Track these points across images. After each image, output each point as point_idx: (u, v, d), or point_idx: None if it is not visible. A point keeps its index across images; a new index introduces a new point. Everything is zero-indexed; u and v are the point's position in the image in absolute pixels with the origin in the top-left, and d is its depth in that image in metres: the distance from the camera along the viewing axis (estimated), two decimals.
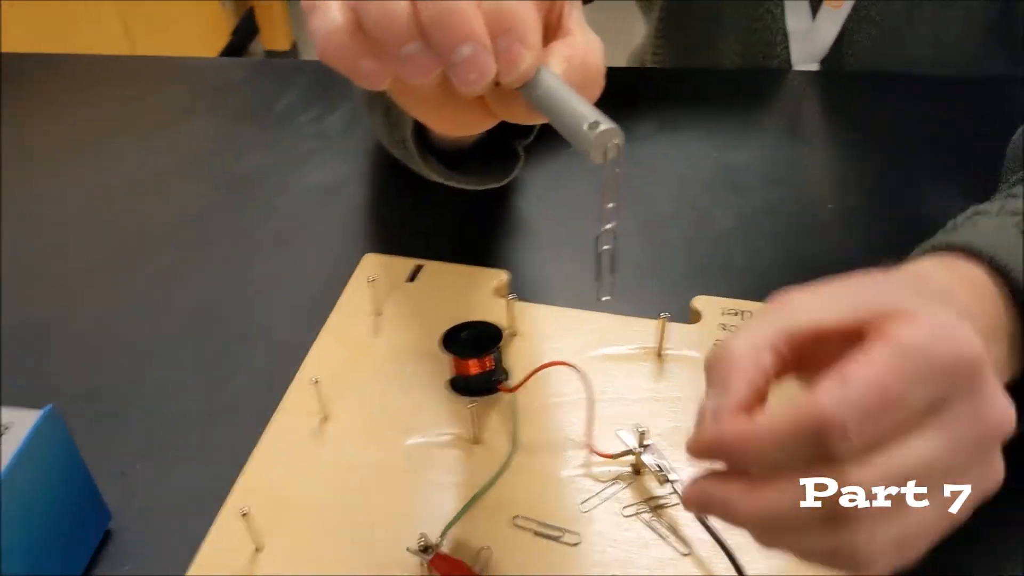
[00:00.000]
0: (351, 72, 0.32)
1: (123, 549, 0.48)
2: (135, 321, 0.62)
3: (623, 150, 0.31)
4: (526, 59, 0.32)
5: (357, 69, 0.32)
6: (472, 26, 0.30)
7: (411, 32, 0.30)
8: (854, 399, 0.30)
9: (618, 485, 0.46)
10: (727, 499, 0.32)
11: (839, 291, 0.34)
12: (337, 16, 0.31)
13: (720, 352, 0.34)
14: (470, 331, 0.51)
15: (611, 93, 0.82)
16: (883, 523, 0.31)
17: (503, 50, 0.31)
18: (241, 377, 0.57)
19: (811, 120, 0.77)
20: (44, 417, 0.42)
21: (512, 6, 0.31)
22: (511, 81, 0.32)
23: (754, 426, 0.31)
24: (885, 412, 0.30)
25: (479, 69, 0.31)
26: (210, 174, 0.75)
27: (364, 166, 0.73)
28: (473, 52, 0.31)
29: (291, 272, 0.64)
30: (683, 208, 0.67)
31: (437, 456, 0.48)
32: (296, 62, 0.87)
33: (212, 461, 0.51)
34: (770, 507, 0.31)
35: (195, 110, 0.84)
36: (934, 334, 0.31)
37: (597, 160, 0.31)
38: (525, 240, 0.64)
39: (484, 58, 0.31)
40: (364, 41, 0.31)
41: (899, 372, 0.30)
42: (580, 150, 0.31)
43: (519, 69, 0.32)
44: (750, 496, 0.32)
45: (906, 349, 0.31)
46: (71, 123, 0.83)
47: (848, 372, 0.31)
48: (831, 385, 0.30)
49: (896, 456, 0.31)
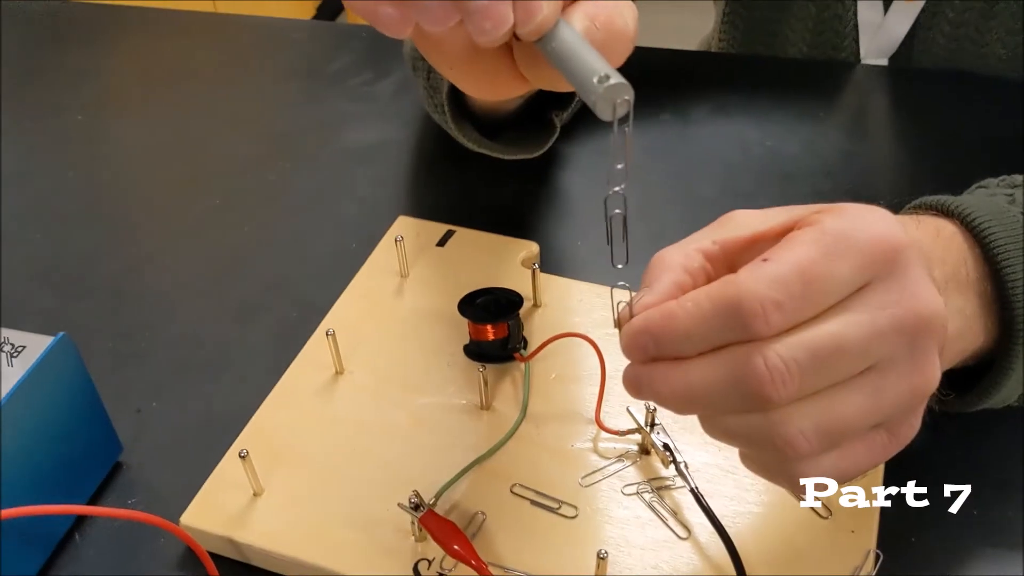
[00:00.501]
0: (373, 18, 0.32)
1: (131, 482, 0.49)
2: (170, 264, 0.63)
3: (631, 108, 0.30)
4: (543, 10, 0.31)
5: (379, 14, 0.31)
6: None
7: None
8: (772, 275, 0.30)
9: (623, 463, 0.45)
10: (652, 376, 0.33)
11: (782, 210, 0.35)
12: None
13: (655, 257, 0.35)
14: (490, 297, 0.50)
15: (668, 74, 0.81)
16: (803, 405, 0.31)
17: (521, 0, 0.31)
18: (264, 326, 0.57)
19: (872, 115, 0.74)
20: (56, 342, 0.42)
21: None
22: (528, 33, 0.32)
23: (675, 304, 0.32)
24: (804, 289, 0.30)
25: (495, 18, 0.30)
26: (258, 127, 0.76)
27: (408, 132, 0.73)
28: (490, 1, 0.30)
29: (325, 228, 0.64)
30: (728, 193, 0.65)
31: (445, 418, 0.48)
32: (354, 27, 0.87)
33: (226, 406, 0.52)
34: (690, 382, 0.32)
35: (252, 65, 0.85)
36: (856, 217, 0.32)
37: (606, 116, 0.30)
38: (559, 214, 0.63)
39: (501, 7, 0.30)
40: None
41: (818, 252, 0.31)
42: (589, 104, 0.30)
43: (536, 20, 0.31)
44: (672, 372, 0.32)
45: (826, 231, 0.31)
46: (144, 71, 0.85)
47: (769, 253, 0.31)
48: (752, 265, 0.31)
49: (813, 334, 0.30)
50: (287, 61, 0.86)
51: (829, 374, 0.31)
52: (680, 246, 0.35)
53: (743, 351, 0.31)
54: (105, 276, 0.62)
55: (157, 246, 0.64)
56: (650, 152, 0.68)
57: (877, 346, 0.31)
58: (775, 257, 0.31)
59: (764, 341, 0.30)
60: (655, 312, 0.32)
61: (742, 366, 0.31)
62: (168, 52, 0.88)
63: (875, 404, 0.31)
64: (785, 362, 0.30)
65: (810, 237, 0.31)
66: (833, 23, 0.77)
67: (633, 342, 0.33)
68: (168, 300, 0.60)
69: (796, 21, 0.77)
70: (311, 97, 0.79)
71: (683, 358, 0.32)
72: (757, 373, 0.30)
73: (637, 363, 0.34)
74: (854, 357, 0.31)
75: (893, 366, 0.32)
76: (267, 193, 0.68)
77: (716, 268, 0.35)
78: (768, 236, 0.34)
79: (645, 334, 0.33)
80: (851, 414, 0.31)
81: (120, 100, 0.81)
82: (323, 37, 0.91)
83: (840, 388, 0.31)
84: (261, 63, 0.86)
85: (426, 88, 0.58)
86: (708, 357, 0.32)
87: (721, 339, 0.31)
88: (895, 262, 0.31)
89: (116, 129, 0.77)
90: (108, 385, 0.48)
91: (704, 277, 0.34)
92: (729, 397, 0.31)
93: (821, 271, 0.31)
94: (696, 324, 0.31)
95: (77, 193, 0.70)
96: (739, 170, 0.67)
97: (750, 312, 0.30)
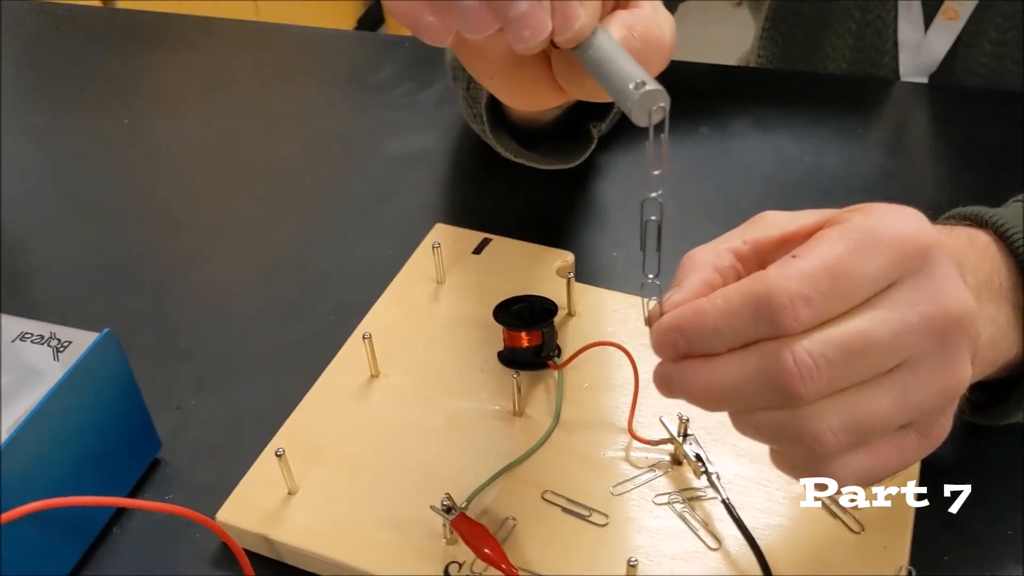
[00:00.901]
0: (414, 26, 0.32)
1: (169, 478, 0.50)
2: (213, 265, 0.64)
3: (667, 114, 0.30)
4: (581, 17, 0.32)
5: (420, 22, 0.32)
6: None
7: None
8: (800, 271, 0.30)
9: (655, 472, 0.45)
10: (683, 374, 0.33)
11: (813, 212, 0.35)
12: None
13: (686, 257, 0.36)
14: (526, 304, 0.51)
15: (707, 88, 0.81)
16: (831, 401, 0.31)
17: (560, 8, 0.31)
18: (304, 328, 0.58)
19: (913, 133, 0.74)
20: (101, 338, 0.44)
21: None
22: (565, 40, 0.32)
23: (704, 301, 0.32)
24: (832, 285, 0.30)
25: (534, 25, 0.31)
26: (301, 134, 0.77)
27: (448, 141, 0.73)
28: (529, 8, 0.30)
29: (364, 233, 0.65)
30: (766, 207, 0.64)
31: (478, 423, 0.48)
32: (397, 38, 0.88)
33: (263, 404, 0.53)
34: (720, 379, 0.32)
35: (297, 73, 0.86)
36: (886, 215, 0.32)
37: (641, 122, 0.30)
38: (594, 224, 0.64)
39: (539, 14, 0.31)
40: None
41: (847, 248, 0.31)
42: (625, 111, 0.31)
43: (573, 28, 0.32)
44: (702, 368, 0.32)
45: (855, 228, 0.31)
46: (190, 77, 0.87)
47: (798, 250, 0.31)
48: (781, 261, 0.31)
49: (842, 330, 0.31)
50: (331, 70, 0.87)
51: (858, 371, 0.31)
52: (711, 246, 0.36)
53: (772, 347, 0.31)
54: (150, 275, 0.63)
55: (200, 247, 0.66)
56: (689, 165, 0.68)
57: (906, 343, 0.31)
58: (804, 253, 0.31)
59: (793, 337, 0.31)
60: (685, 309, 0.33)
61: (771, 362, 0.31)
62: (213, 59, 0.90)
63: (904, 402, 0.31)
64: (814, 358, 0.30)
65: (839, 234, 0.32)
66: (873, 40, 0.76)
67: (663, 339, 0.33)
68: (210, 300, 0.61)
69: (836, 38, 0.77)
70: (354, 105, 0.80)
71: (712, 355, 0.32)
72: (786, 369, 0.30)
73: (667, 361, 0.34)
74: (883, 354, 0.31)
75: (923, 364, 0.32)
76: (308, 198, 0.70)
77: (747, 267, 0.35)
78: (799, 235, 0.34)
79: (675, 331, 0.33)
80: (880, 411, 0.31)
81: (166, 105, 0.83)
82: (367, 47, 0.92)
83: (869, 385, 0.31)
84: (305, 71, 0.87)
85: (465, 98, 0.59)
86: (737, 353, 0.32)
87: (750, 335, 0.31)
88: (924, 259, 0.32)
89: (162, 133, 0.79)
90: (149, 382, 0.49)
91: (734, 276, 0.35)
92: (758, 393, 0.31)
93: (850, 267, 0.31)
94: (725, 320, 0.32)
95: (124, 195, 0.72)
96: (777, 185, 0.67)
97: (779, 307, 0.30)
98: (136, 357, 0.48)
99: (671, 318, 0.33)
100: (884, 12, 0.75)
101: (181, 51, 0.92)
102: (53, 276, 0.64)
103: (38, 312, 0.47)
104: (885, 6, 0.75)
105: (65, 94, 0.86)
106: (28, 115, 0.83)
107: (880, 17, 0.75)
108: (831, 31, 0.78)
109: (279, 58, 0.90)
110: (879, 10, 0.75)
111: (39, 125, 0.81)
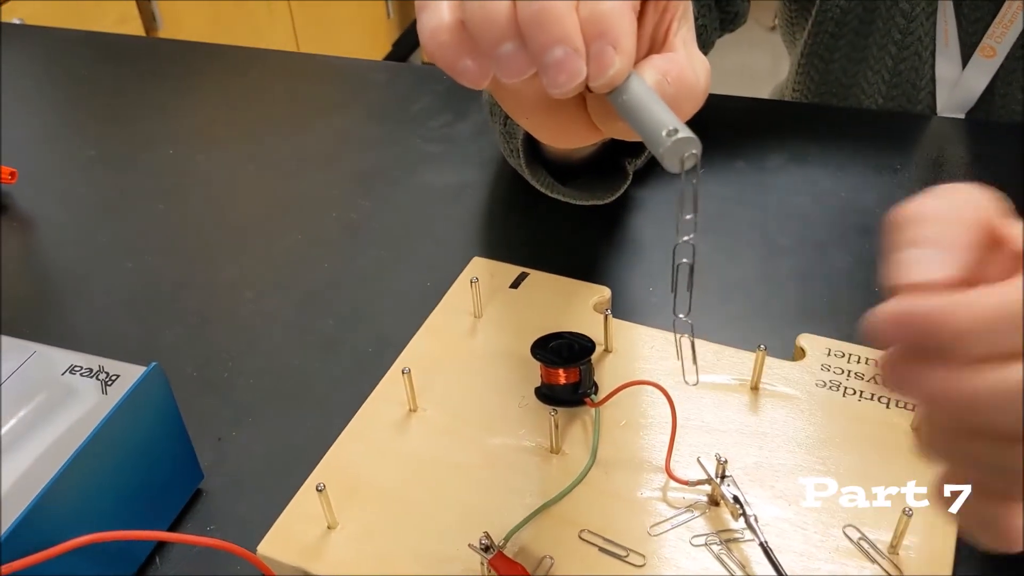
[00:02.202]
0: (452, 69, 0.33)
1: (210, 510, 0.50)
2: (252, 296, 0.65)
3: (700, 161, 0.31)
4: (616, 65, 0.32)
5: (457, 67, 0.33)
6: (567, 29, 0.31)
7: (508, 32, 0.31)
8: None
9: (692, 513, 0.45)
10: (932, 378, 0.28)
11: None
12: (444, 15, 0.32)
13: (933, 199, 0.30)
14: (563, 341, 0.51)
15: (744, 122, 0.81)
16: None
17: (595, 54, 0.32)
18: (341, 360, 0.59)
19: (951, 169, 0.73)
20: (148, 372, 0.44)
21: (609, 10, 0.31)
22: (600, 86, 0.33)
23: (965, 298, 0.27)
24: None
25: (569, 71, 0.31)
26: (339, 165, 0.78)
27: (485, 174, 0.74)
28: (565, 55, 0.31)
29: (401, 266, 0.66)
30: (801, 243, 0.65)
31: (515, 460, 0.49)
32: (435, 69, 0.89)
33: (302, 437, 0.53)
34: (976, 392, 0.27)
35: (336, 104, 0.88)
36: None
37: (673, 169, 0.31)
38: (630, 260, 0.64)
39: (575, 61, 0.31)
40: (466, 40, 0.32)
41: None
42: (657, 157, 0.31)
43: (608, 74, 0.32)
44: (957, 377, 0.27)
45: None
46: (230, 108, 0.89)
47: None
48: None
49: None
50: (369, 102, 0.89)
51: None
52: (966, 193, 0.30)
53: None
54: (190, 306, 0.65)
55: (240, 278, 0.67)
56: (725, 200, 0.69)
57: None
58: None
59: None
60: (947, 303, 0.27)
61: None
62: (254, 90, 0.92)
63: None
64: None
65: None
66: (910, 76, 0.76)
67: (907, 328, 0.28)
68: (249, 331, 0.62)
69: (872, 74, 0.77)
70: (391, 137, 0.81)
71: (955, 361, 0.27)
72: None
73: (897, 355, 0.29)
74: None
75: None
76: (347, 229, 0.70)
77: None
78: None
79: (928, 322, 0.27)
80: None
81: (207, 135, 0.84)
82: (404, 78, 0.93)
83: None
84: (344, 102, 0.89)
85: (502, 133, 0.60)
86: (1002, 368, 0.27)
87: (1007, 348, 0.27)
88: None
89: (204, 163, 0.80)
90: (190, 412, 0.50)
91: None
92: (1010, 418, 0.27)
93: None
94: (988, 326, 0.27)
95: (167, 224, 0.73)
96: (814, 220, 0.67)
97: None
98: (176, 388, 0.49)
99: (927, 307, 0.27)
100: (921, 49, 0.75)
101: (222, 81, 0.94)
102: (96, 305, 0.65)
103: (80, 341, 0.49)
104: (922, 43, 0.75)
105: (112, 123, 0.88)
106: (80, 146, 0.85)
107: (917, 54, 0.75)
108: (867, 67, 0.78)
109: (318, 89, 0.92)
110: (916, 47, 0.75)
111: (89, 155, 0.83)
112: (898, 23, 0.75)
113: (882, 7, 0.75)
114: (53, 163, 0.82)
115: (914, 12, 0.74)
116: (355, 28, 2.53)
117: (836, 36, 0.78)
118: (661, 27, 0.35)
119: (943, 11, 0.73)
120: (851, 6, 0.76)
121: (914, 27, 0.74)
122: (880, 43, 0.76)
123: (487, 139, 0.78)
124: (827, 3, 0.78)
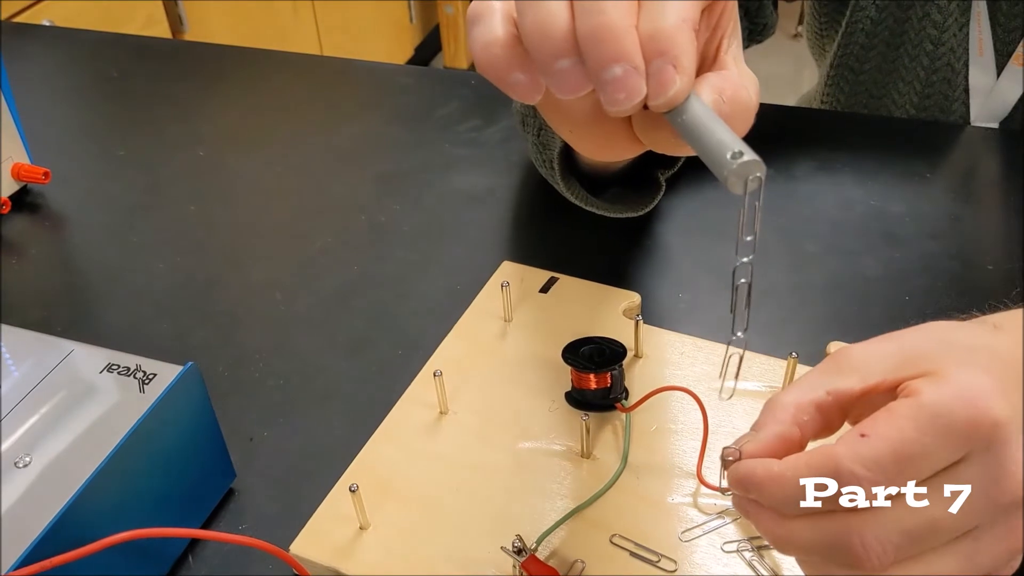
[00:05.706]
0: (503, 83, 0.32)
1: (242, 509, 0.51)
2: (282, 297, 0.65)
3: (763, 184, 0.30)
4: (676, 84, 0.31)
5: (510, 81, 0.32)
6: (627, 46, 0.30)
7: (566, 47, 0.30)
8: (867, 456, 0.32)
9: (723, 519, 0.45)
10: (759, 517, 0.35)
11: (891, 347, 0.36)
12: (498, 27, 0.32)
13: (770, 401, 0.36)
14: (594, 346, 0.51)
15: (773, 130, 0.81)
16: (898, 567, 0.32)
17: (655, 73, 0.31)
18: (371, 361, 0.59)
19: (982, 178, 0.73)
20: (185, 372, 0.45)
21: (670, 28, 0.31)
22: (659, 105, 0.32)
23: (777, 468, 0.34)
24: (898, 468, 0.32)
25: (629, 90, 0.31)
26: (368, 168, 0.79)
27: (513, 178, 0.74)
28: (624, 72, 0.30)
29: (431, 269, 0.66)
30: (831, 251, 0.65)
31: (545, 464, 0.49)
32: (464, 74, 0.89)
33: (333, 437, 0.54)
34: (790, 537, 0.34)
35: (364, 108, 0.88)
36: (957, 395, 0.32)
37: (736, 191, 0.30)
38: (661, 267, 0.64)
39: (635, 79, 0.31)
40: (519, 54, 0.32)
41: (916, 430, 0.32)
42: (720, 179, 0.31)
43: (668, 93, 0.31)
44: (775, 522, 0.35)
45: (926, 408, 0.32)
46: (260, 110, 0.90)
47: (867, 426, 0.32)
48: (850, 438, 0.32)
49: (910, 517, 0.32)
50: (397, 105, 0.89)
51: (923, 546, 0.33)
52: (796, 395, 0.36)
53: (842, 527, 0.32)
54: (221, 305, 0.65)
55: (270, 278, 0.67)
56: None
57: (972, 521, 0.32)
58: (872, 432, 0.32)
59: (861, 517, 0.32)
60: (759, 467, 0.34)
61: (841, 541, 0.32)
62: (282, 93, 0.93)
63: (969, 565, 0.33)
64: (882, 544, 0.32)
65: (908, 412, 0.32)
66: (942, 87, 0.76)
67: (738, 485, 0.35)
68: (279, 331, 0.62)
69: (904, 84, 0.77)
70: (420, 141, 0.81)
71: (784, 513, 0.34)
72: (854, 551, 0.32)
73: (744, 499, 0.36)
74: (948, 533, 0.32)
75: (987, 533, 0.33)
76: (376, 232, 0.71)
77: (827, 417, 0.36)
78: (879, 390, 0.35)
79: (750, 483, 0.35)
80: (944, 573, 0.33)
81: (237, 137, 0.85)
82: (432, 82, 0.94)
83: (935, 552, 0.33)
84: (372, 106, 0.89)
85: (535, 144, 0.60)
86: (808, 521, 0.33)
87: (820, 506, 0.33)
88: (992, 439, 0.32)
89: (235, 165, 0.81)
90: (222, 411, 0.50)
91: (812, 428, 0.36)
92: (826, 558, 0.34)
93: (916, 451, 0.32)
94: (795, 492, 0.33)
95: (197, 225, 0.74)
96: (844, 228, 0.67)
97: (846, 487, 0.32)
98: (208, 387, 0.49)
99: (746, 470, 0.35)
100: (954, 60, 0.74)
101: (250, 84, 0.95)
102: (127, 305, 0.66)
103: (112, 340, 0.49)
104: (955, 53, 0.74)
105: (144, 124, 0.88)
106: (110, 147, 0.86)
107: (949, 64, 0.75)
108: (898, 78, 0.77)
109: (345, 92, 0.92)
110: (948, 58, 0.74)
111: (119, 156, 0.84)
112: (929, 34, 0.74)
113: (913, 18, 0.75)
114: (85, 164, 0.83)
115: (946, 23, 0.73)
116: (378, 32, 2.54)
117: (867, 47, 0.78)
118: (712, 44, 0.35)
119: (977, 20, 0.73)
120: (882, 17, 0.76)
121: (946, 37, 0.74)
122: (912, 54, 0.76)
123: (515, 144, 0.78)
124: (857, 14, 0.77)
